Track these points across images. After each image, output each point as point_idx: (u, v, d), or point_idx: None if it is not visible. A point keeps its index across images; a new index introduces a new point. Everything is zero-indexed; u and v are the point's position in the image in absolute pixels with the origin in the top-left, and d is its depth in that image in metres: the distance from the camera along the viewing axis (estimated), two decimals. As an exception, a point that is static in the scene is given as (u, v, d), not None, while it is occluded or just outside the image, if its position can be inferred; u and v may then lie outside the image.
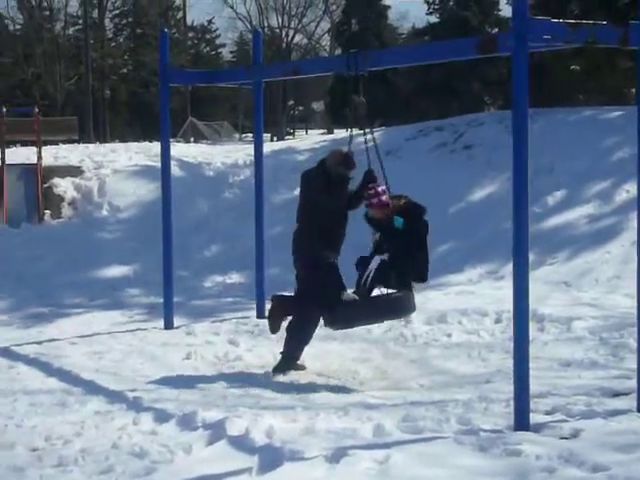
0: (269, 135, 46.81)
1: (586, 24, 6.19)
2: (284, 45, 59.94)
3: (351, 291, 7.65)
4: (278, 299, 8.18)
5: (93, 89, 48.80)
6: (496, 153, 14.64)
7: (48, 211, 15.31)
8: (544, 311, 9.45)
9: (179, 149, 18.22)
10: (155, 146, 17.32)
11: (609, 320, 9.13)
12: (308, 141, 21.49)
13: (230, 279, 13.27)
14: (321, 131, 60.31)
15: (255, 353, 8.72)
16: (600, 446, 5.25)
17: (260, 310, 10.27)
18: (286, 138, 47.58)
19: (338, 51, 53.92)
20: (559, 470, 4.91)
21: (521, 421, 5.76)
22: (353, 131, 8.01)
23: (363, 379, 7.79)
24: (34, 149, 16.42)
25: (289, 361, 7.94)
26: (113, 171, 16.34)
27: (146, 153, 17.68)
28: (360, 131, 7.98)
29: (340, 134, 22.59)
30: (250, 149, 13.17)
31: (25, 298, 12.08)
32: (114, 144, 24.24)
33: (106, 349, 8.98)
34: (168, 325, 10.08)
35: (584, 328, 8.96)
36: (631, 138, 7.47)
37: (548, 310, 9.54)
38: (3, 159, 15.77)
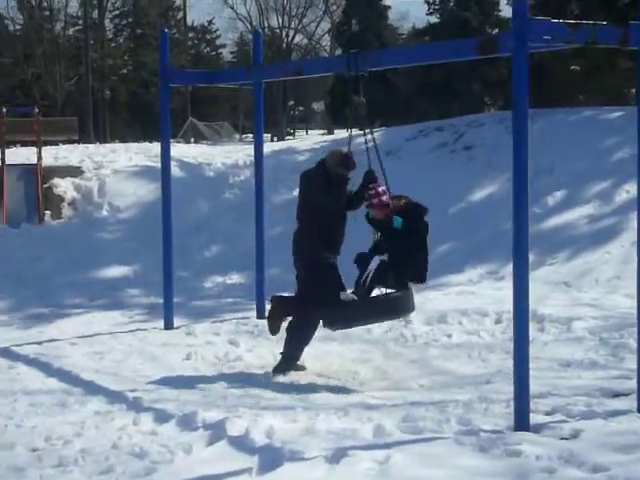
0: (269, 135, 46.80)
1: (586, 24, 6.19)
2: (284, 45, 59.95)
3: (350, 291, 7.65)
4: (278, 300, 8.18)
5: (93, 89, 48.78)
6: (496, 154, 14.64)
7: (48, 211, 15.30)
8: (544, 311, 9.46)
9: (179, 149, 18.20)
10: (155, 146, 17.31)
11: (609, 320, 9.13)
12: (308, 141, 21.48)
13: (230, 279, 13.26)
14: (321, 131, 60.33)
15: (255, 353, 8.72)
16: (600, 447, 5.25)
17: (260, 310, 10.27)
18: (286, 138, 47.57)
19: (338, 51, 53.94)
20: (559, 471, 4.92)
21: (521, 421, 5.76)
22: (353, 131, 8.02)
23: (363, 379, 7.79)
24: (34, 149, 16.39)
25: (289, 361, 7.93)
26: (113, 171, 16.32)
27: (146, 153, 17.66)
28: (360, 131, 7.99)
29: (340, 134, 22.57)
30: (250, 149, 13.16)
31: (25, 298, 12.08)
32: (114, 144, 24.21)
33: (106, 349, 8.98)
34: (168, 325, 10.08)
35: (584, 328, 8.96)
36: (631, 138, 7.47)
37: (548, 310, 9.54)
38: (3, 159, 15.76)
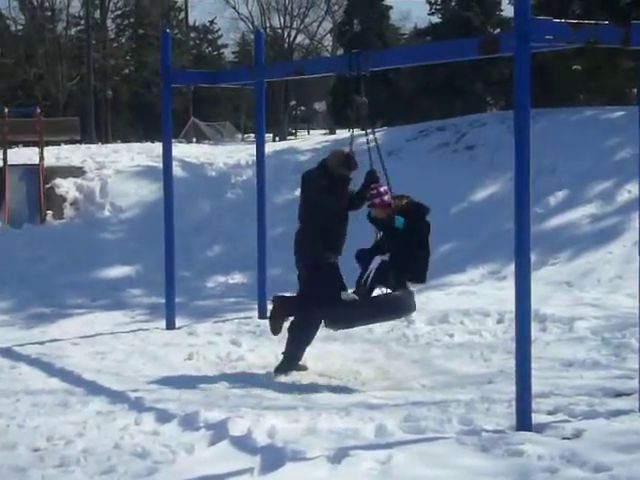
0: (271, 135, 46.78)
1: (588, 24, 6.19)
2: (286, 45, 59.90)
3: (351, 291, 7.65)
4: (279, 300, 8.18)
5: (95, 89, 48.79)
6: (498, 153, 14.63)
7: (50, 212, 15.29)
8: (546, 311, 9.46)
9: (181, 150, 18.19)
10: (157, 146, 17.33)
11: (611, 320, 9.13)
12: (310, 141, 21.46)
13: (232, 279, 13.26)
14: (323, 131, 60.33)
15: (257, 353, 8.73)
16: (602, 446, 5.25)
17: (262, 310, 10.27)
18: (288, 138, 47.53)
19: (340, 51, 53.97)
20: (561, 470, 4.92)
21: (523, 421, 5.76)
22: (354, 131, 8.01)
23: (365, 379, 7.78)
24: (36, 150, 16.37)
25: (291, 361, 7.93)
26: (115, 171, 16.31)
27: (148, 154, 17.64)
28: (362, 131, 7.98)
29: (342, 134, 22.59)
30: (252, 149, 13.15)
31: (27, 298, 12.08)
32: (116, 144, 24.21)
33: (108, 349, 8.99)
34: (170, 325, 10.08)
35: (586, 328, 8.96)
36: (633, 138, 7.48)
37: (550, 310, 9.54)
38: (5, 160, 15.75)
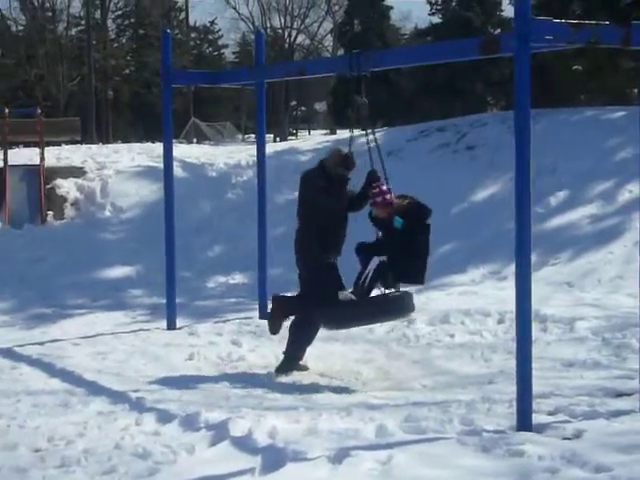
0: (272, 136, 46.79)
1: (588, 24, 6.19)
2: (287, 46, 59.93)
3: (349, 291, 7.64)
4: (279, 300, 8.18)
5: (96, 90, 48.80)
6: (499, 153, 14.63)
7: (51, 212, 15.29)
8: (547, 311, 9.45)
9: (182, 150, 18.20)
10: (158, 147, 17.33)
11: (612, 320, 9.12)
12: (311, 142, 21.46)
13: (233, 280, 13.26)
14: (324, 132, 60.32)
15: (258, 353, 8.73)
16: (603, 447, 5.25)
17: (263, 310, 10.26)
18: (289, 139, 47.56)
19: (341, 52, 53.98)
20: (562, 471, 4.92)
21: (524, 422, 5.76)
22: (354, 131, 8.00)
23: (366, 380, 7.79)
24: (37, 150, 16.37)
25: (291, 361, 7.93)
26: (116, 172, 16.31)
27: (149, 154, 17.65)
28: (362, 131, 7.98)
29: (343, 135, 22.51)
30: (253, 150, 13.16)
31: (28, 299, 12.09)
32: (117, 145, 24.20)
33: (109, 350, 8.99)
34: (171, 326, 10.08)
35: (587, 328, 8.96)
36: (634, 138, 7.48)
37: (551, 310, 9.54)
38: (6, 160, 15.75)
